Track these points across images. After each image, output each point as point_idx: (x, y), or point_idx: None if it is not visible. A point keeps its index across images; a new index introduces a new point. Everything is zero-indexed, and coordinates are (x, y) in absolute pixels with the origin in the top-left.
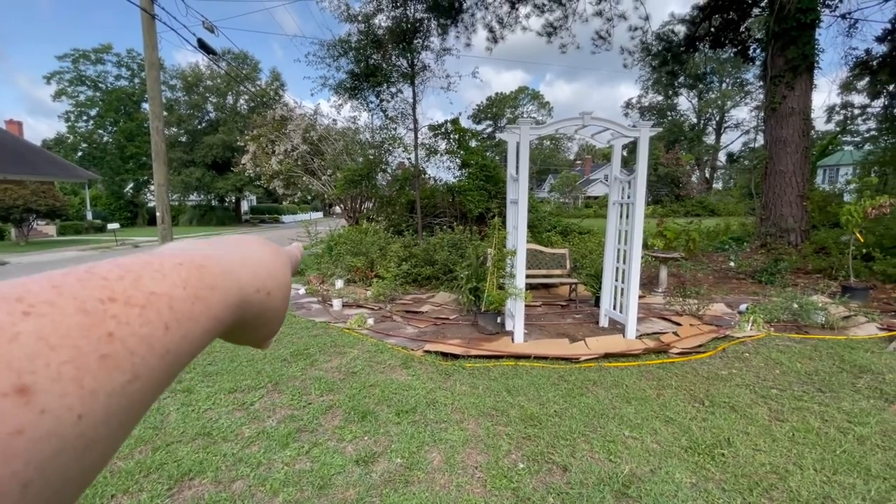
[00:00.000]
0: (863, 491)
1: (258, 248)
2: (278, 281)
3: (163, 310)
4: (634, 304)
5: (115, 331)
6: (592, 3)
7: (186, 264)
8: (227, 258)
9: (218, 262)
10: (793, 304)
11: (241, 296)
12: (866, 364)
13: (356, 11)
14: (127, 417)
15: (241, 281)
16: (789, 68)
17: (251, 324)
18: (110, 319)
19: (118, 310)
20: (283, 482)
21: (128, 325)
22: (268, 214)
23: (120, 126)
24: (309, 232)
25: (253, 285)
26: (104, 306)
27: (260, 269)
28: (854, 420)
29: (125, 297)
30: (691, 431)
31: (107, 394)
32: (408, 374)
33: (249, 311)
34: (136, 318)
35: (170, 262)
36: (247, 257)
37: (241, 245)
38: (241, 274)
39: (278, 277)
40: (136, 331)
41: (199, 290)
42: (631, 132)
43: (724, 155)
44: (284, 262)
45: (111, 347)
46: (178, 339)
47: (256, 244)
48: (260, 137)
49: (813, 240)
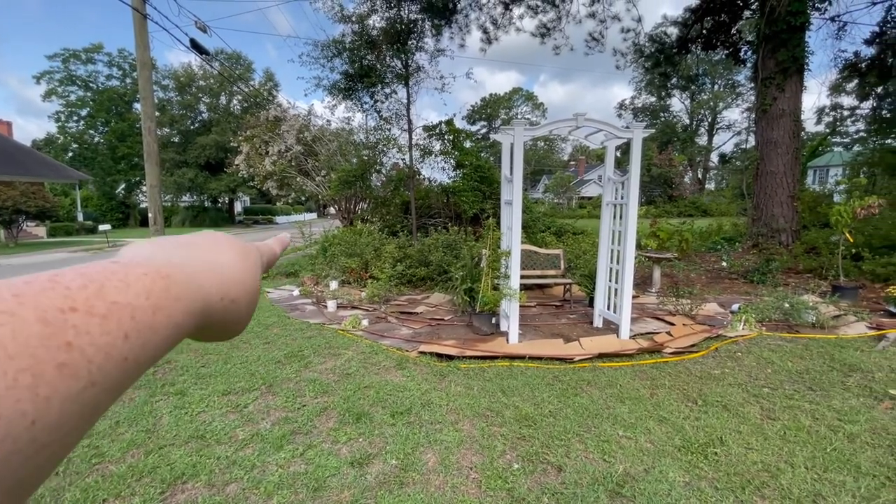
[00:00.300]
0: (853, 488)
1: (226, 251)
2: (245, 287)
3: (124, 319)
4: (628, 305)
5: (73, 340)
6: (585, 5)
7: (151, 274)
8: (193, 265)
9: (183, 270)
10: (784, 304)
11: (204, 304)
12: (856, 363)
13: (350, 12)
14: (81, 422)
15: (205, 290)
16: (780, 70)
17: (213, 328)
18: (70, 329)
19: (79, 319)
20: (278, 485)
21: (87, 334)
22: (261, 215)
23: (111, 126)
24: (303, 233)
25: (217, 293)
26: (65, 316)
27: (226, 276)
28: (844, 418)
29: (87, 306)
30: (684, 430)
31: (61, 400)
32: (402, 375)
33: (212, 317)
34: (97, 327)
35: (134, 272)
36: (213, 262)
37: (209, 248)
38: (206, 282)
39: (245, 283)
40: (96, 340)
41: (161, 300)
42: (624, 133)
43: (717, 156)
44: (252, 266)
45: (69, 356)
46: (137, 348)
47: (225, 246)
48: (253, 138)
49: (803, 240)
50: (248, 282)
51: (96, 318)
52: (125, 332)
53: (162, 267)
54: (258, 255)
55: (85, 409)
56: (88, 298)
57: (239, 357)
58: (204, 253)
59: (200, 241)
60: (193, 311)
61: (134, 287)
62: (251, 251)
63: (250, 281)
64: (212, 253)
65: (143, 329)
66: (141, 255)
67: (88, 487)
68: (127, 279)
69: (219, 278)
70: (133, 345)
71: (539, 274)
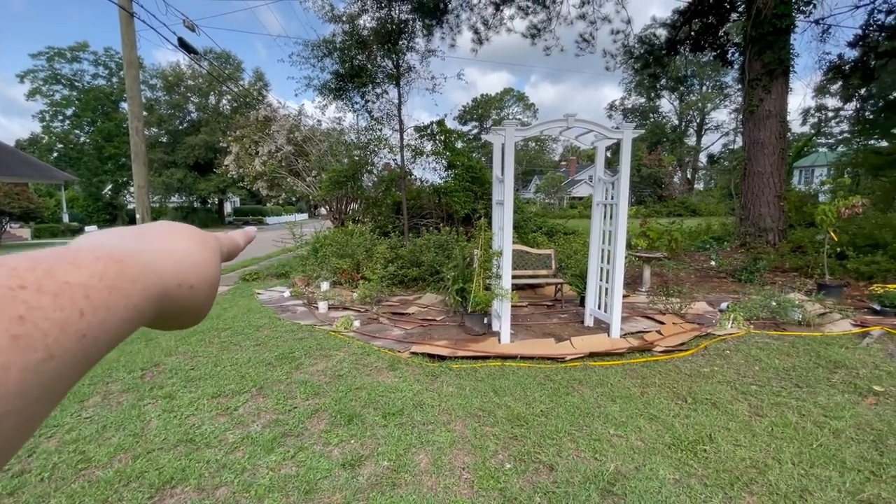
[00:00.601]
0: (838, 483)
1: (183, 240)
2: (203, 274)
3: (77, 298)
4: (619, 304)
5: (25, 314)
6: (576, 6)
7: (104, 258)
8: (148, 252)
9: (137, 256)
10: (771, 302)
11: (161, 289)
12: (841, 360)
13: (340, 12)
14: (44, 393)
15: (163, 275)
16: (766, 72)
17: (174, 315)
18: (21, 304)
19: (28, 296)
20: (269, 488)
21: (39, 309)
22: (252, 216)
23: (98, 126)
24: (294, 233)
25: (174, 280)
26: (14, 293)
27: (183, 263)
28: (830, 414)
29: (36, 285)
30: (674, 428)
31: (19, 370)
32: (394, 376)
33: (171, 303)
34: (49, 303)
35: (86, 256)
36: (170, 250)
37: (165, 236)
38: (163, 268)
39: (203, 270)
40: (49, 315)
41: (116, 281)
42: (614, 134)
43: (705, 156)
44: (211, 253)
45: (23, 328)
46: (95, 325)
47: (183, 235)
48: (243, 138)
49: (790, 239)
50: (207, 269)
51: (47, 296)
52: (80, 308)
53: (114, 251)
54: (217, 243)
55: (47, 381)
56: (38, 278)
57: (229, 359)
58: (159, 241)
59: (156, 229)
60: (151, 296)
61: (86, 269)
62: (209, 239)
63: (209, 268)
64: (168, 241)
65: (98, 307)
66: (93, 241)
67: (74, 493)
68: (77, 262)
69: (176, 265)
70: (90, 322)
71: (530, 274)
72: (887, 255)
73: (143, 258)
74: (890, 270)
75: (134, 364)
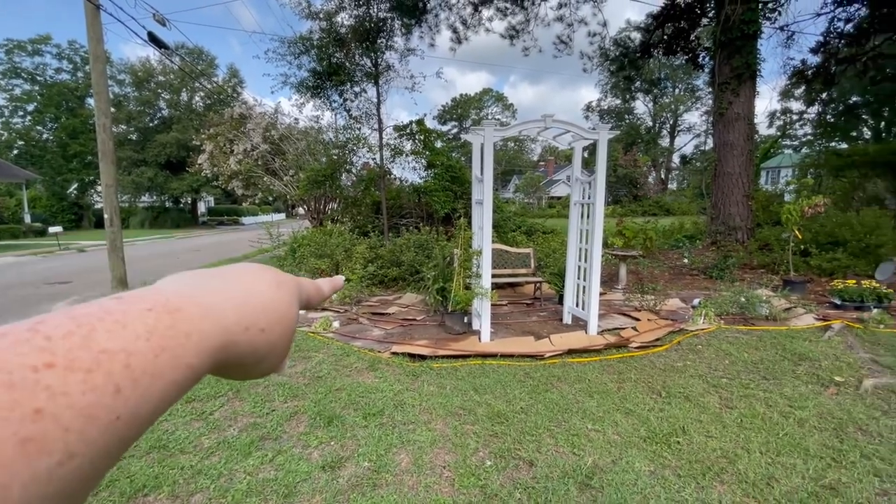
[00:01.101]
0: (802, 470)
1: (255, 280)
2: (276, 314)
3: (114, 370)
4: (596, 301)
5: (45, 405)
6: (553, 9)
7: (157, 309)
8: (212, 295)
9: (197, 301)
10: (740, 298)
11: (224, 338)
12: (805, 352)
13: (317, 8)
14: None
15: (227, 321)
16: (735, 76)
17: (242, 363)
18: (42, 392)
19: (54, 378)
20: (246, 492)
21: (64, 395)
22: (227, 216)
23: (62, 122)
24: (270, 234)
25: (241, 324)
26: (37, 375)
27: (252, 304)
28: (794, 404)
29: (67, 360)
30: (649, 422)
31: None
32: (375, 376)
33: (236, 351)
34: (78, 384)
35: (137, 308)
36: (239, 290)
37: (236, 277)
38: (228, 312)
39: (277, 311)
40: (75, 401)
41: (167, 339)
42: (590, 135)
43: (678, 157)
44: (287, 295)
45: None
46: (133, 401)
47: (255, 274)
48: (217, 136)
49: (758, 237)
50: (282, 309)
51: (78, 374)
52: (116, 384)
53: (171, 299)
54: (295, 285)
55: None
56: (71, 349)
57: None
58: (229, 282)
59: (228, 271)
60: (208, 348)
61: (132, 327)
62: (286, 280)
63: (283, 309)
64: (238, 281)
65: (140, 378)
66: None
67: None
68: (125, 318)
69: (243, 307)
70: (128, 398)
71: (510, 273)
72: (847, 253)
73: (205, 302)
74: (849, 267)
75: None
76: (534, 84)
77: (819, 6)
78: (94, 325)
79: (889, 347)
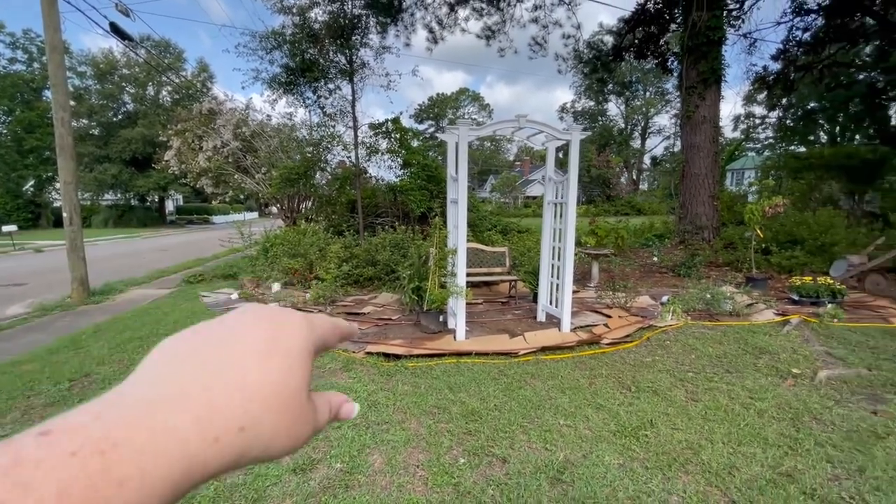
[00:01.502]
0: (762, 458)
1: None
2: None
3: None
4: (569, 299)
5: None
6: (529, 10)
7: (84, 452)
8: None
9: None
10: (706, 295)
11: (185, 464)
12: (765, 346)
13: (290, 3)
14: None
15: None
16: (701, 80)
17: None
18: None
19: None
20: (213, 499)
21: None
22: (196, 215)
23: (16, 116)
24: (241, 233)
25: (207, 437)
26: None
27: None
28: (755, 396)
29: None
30: (619, 416)
31: None
32: (349, 376)
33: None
34: None
35: (56, 454)
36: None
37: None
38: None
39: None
40: None
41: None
42: (563, 135)
43: (649, 158)
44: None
45: None
46: None
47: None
48: (185, 132)
49: (723, 236)
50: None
51: None
52: None
53: (112, 430)
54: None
55: None
56: None
57: None
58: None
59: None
60: (159, 489)
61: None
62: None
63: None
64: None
65: None
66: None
67: None
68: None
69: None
70: None
71: (485, 271)
72: (804, 251)
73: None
74: (806, 264)
75: (61, 375)
76: (510, 84)
77: (779, 15)
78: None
79: (842, 340)
